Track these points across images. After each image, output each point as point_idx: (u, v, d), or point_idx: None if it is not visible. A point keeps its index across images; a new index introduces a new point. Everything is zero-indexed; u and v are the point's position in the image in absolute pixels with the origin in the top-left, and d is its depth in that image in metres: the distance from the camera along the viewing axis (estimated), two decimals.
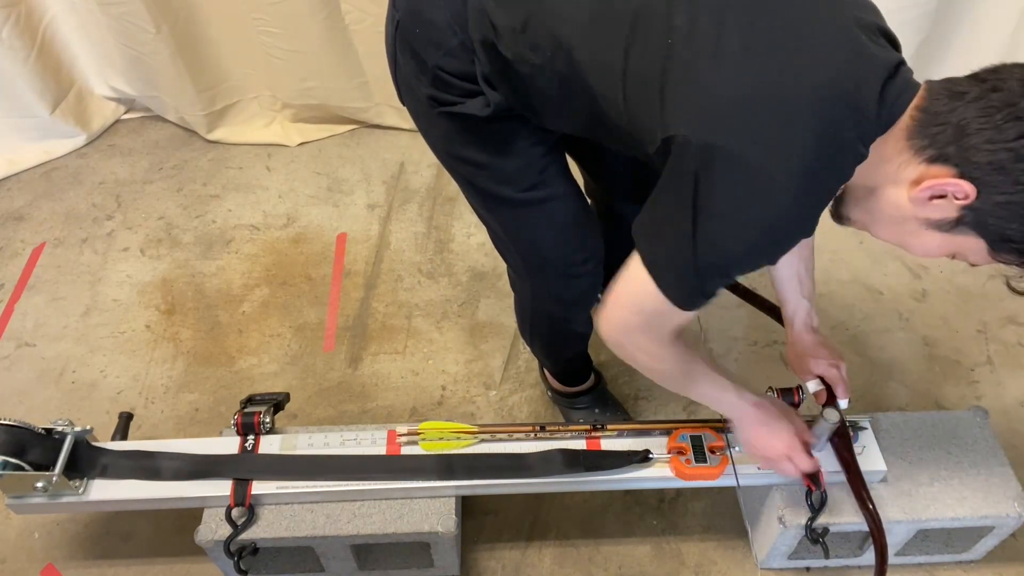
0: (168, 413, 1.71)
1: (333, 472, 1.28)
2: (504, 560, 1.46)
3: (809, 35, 0.82)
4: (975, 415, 1.39)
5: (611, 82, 0.90)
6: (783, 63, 0.81)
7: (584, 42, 0.91)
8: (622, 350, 1.03)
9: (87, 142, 2.39)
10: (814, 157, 0.80)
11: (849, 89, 0.80)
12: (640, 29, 0.87)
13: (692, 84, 0.83)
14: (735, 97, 0.81)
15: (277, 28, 2.13)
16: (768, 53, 0.81)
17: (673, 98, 0.84)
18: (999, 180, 0.76)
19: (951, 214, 0.81)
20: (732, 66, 0.81)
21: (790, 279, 1.26)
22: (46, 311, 1.93)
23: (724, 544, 1.46)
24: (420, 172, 2.28)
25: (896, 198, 0.85)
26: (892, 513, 1.26)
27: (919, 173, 0.81)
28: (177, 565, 1.46)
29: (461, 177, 1.18)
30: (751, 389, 1.15)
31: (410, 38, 1.04)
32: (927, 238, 0.86)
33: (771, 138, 0.80)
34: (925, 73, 2.21)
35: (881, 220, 0.89)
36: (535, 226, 1.19)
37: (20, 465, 1.22)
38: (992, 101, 0.76)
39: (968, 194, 0.78)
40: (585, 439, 1.32)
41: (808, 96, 0.80)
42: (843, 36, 0.82)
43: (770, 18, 0.83)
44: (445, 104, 1.06)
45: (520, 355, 1.79)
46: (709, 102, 0.82)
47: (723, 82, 0.81)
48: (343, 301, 1.93)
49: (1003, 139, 0.75)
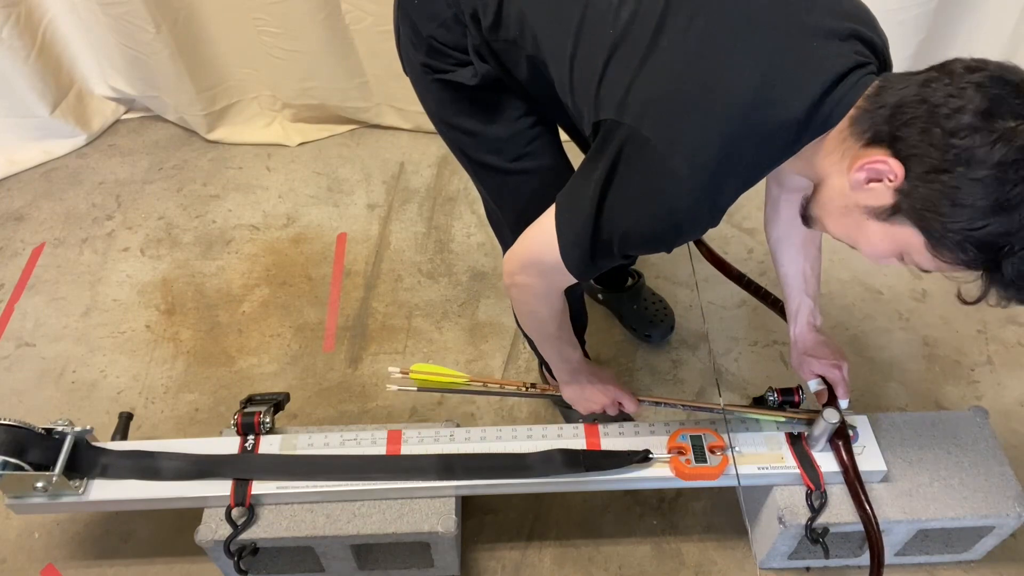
0: (168, 413, 1.71)
1: (333, 472, 1.29)
2: (504, 560, 1.46)
3: (747, 42, 0.84)
4: (975, 415, 1.39)
5: (561, 66, 0.97)
6: (712, 66, 0.83)
7: (545, 27, 0.98)
8: (514, 283, 1.10)
9: (87, 142, 2.39)
10: (721, 158, 0.83)
11: (773, 100, 0.82)
12: (589, 19, 0.92)
13: (625, 75, 0.87)
14: (659, 91, 0.85)
15: (277, 28, 2.13)
16: (700, 55, 0.84)
17: (608, 86, 0.89)
18: (929, 156, 0.75)
19: (887, 200, 0.80)
20: (663, 62, 0.85)
21: (795, 276, 1.27)
22: (46, 311, 1.93)
23: (724, 544, 1.46)
24: (420, 172, 2.28)
25: (839, 185, 0.85)
26: (892, 513, 1.26)
27: (859, 156, 0.82)
28: (177, 565, 1.46)
29: (454, 144, 1.23)
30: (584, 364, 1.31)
31: (409, 8, 1.12)
32: (871, 230, 0.85)
33: (683, 134, 0.83)
34: None
35: (830, 212, 0.89)
36: (522, 197, 1.22)
37: (20, 465, 1.22)
38: (934, 82, 0.76)
39: (897, 173, 0.78)
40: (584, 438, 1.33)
41: (726, 102, 0.82)
42: (785, 44, 0.84)
43: (712, 20, 0.85)
44: (438, 72, 1.13)
45: (520, 355, 1.79)
46: (637, 93, 0.86)
47: (653, 76, 0.85)
48: (343, 301, 1.93)
49: (936, 115, 0.75)
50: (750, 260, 1.97)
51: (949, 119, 0.74)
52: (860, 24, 0.87)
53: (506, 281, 1.11)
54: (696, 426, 1.32)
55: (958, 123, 0.73)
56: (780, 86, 0.82)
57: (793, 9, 0.86)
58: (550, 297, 1.12)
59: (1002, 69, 0.75)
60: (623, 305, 1.82)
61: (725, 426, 1.32)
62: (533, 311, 1.16)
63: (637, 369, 1.76)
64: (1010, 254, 0.76)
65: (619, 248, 0.93)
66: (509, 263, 1.09)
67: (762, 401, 1.38)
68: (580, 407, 1.35)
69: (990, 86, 0.74)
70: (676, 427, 1.32)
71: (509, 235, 1.30)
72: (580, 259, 0.97)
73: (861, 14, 0.90)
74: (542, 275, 1.05)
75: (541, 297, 1.11)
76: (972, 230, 0.76)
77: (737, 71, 0.83)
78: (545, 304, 1.14)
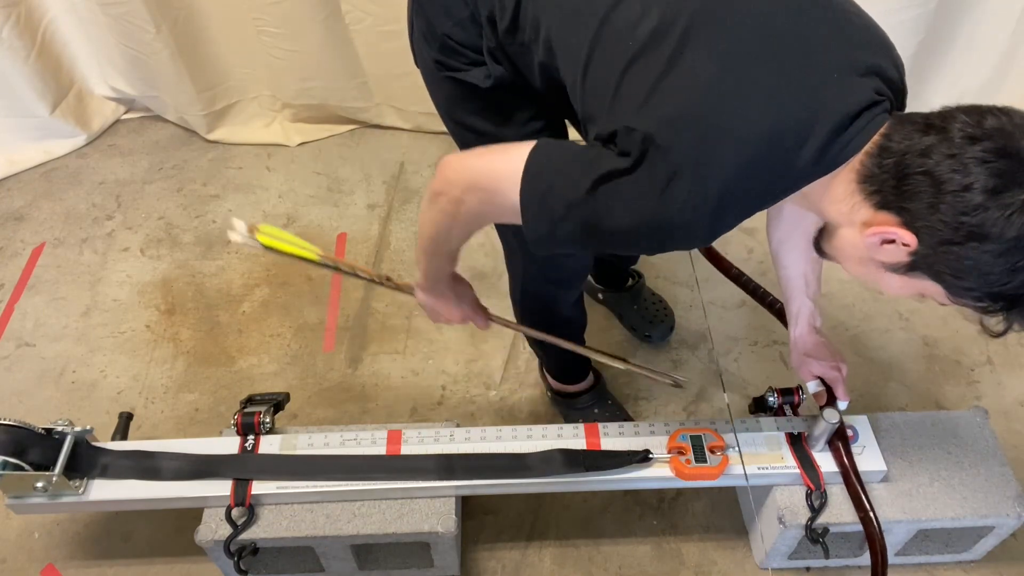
0: (168, 413, 1.71)
1: (333, 472, 1.29)
2: (504, 560, 1.46)
3: (767, 71, 0.83)
4: (975, 415, 1.39)
5: (575, 72, 0.95)
6: (731, 92, 0.82)
7: (560, 33, 0.96)
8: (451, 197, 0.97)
9: (87, 142, 2.39)
10: (729, 186, 0.82)
11: (786, 137, 0.81)
12: (607, 30, 0.91)
13: (644, 86, 0.85)
14: (679, 108, 0.83)
15: (277, 28, 2.13)
16: (721, 79, 0.83)
17: (625, 95, 0.87)
18: (939, 230, 0.76)
19: (902, 258, 0.82)
20: (684, 79, 0.84)
21: (796, 279, 1.27)
22: (46, 311, 1.93)
23: (724, 544, 1.46)
24: (420, 172, 2.28)
25: (853, 239, 0.86)
26: (892, 513, 1.26)
27: (867, 218, 0.83)
28: (177, 565, 1.46)
29: (461, 142, 1.21)
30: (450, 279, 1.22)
31: (425, 4, 1.11)
32: (889, 279, 0.87)
33: (699, 155, 0.82)
34: (924, 73, 2.21)
35: (847, 258, 0.91)
36: None
37: (20, 465, 1.22)
38: (935, 151, 0.76)
39: (909, 243, 0.79)
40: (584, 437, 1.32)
41: (743, 132, 0.81)
42: (804, 77, 0.83)
43: (734, 44, 0.84)
44: (450, 69, 1.11)
45: (520, 355, 1.79)
46: (657, 105, 0.84)
47: (674, 91, 0.84)
48: (343, 301, 1.93)
49: (942, 191, 0.75)
50: (750, 260, 1.97)
51: (957, 196, 0.74)
52: (878, 55, 0.86)
53: (439, 188, 0.98)
54: (696, 426, 1.32)
55: (968, 203, 0.74)
56: (795, 123, 0.82)
57: (814, 39, 0.85)
58: (476, 224, 1.02)
59: (1004, 136, 0.75)
60: (623, 305, 1.82)
61: (727, 426, 1.32)
62: (450, 228, 1.03)
63: (634, 372, 1.75)
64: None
65: (593, 239, 0.90)
66: (456, 173, 0.97)
67: (762, 401, 1.39)
68: (430, 315, 1.26)
69: (994, 160, 0.74)
70: (676, 427, 1.32)
71: (510, 235, 1.31)
72: (543, 229, 0.91)
73: (878, 43, 0.88)
74: (486, 205, 0.96)
75: (468, 222, 1.01)
76: (989, 289, 0.79)
77: (756, 102, 0.82)
78: (466, 229, 1.03)
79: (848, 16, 0.88)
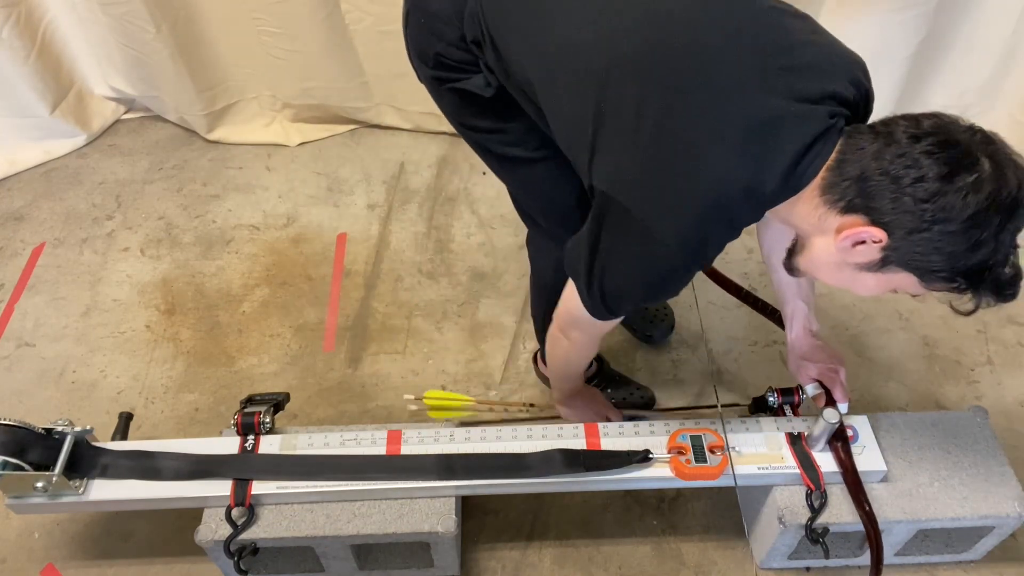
0: (168, 413, 1.71)
1: (333, 472, 1.28)
2: (504, 560, 1.46)
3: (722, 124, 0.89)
4: (975, 415, 1.39)
5: (555, 118, 1.04)
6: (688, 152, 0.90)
7: (543, 86, 1.02)
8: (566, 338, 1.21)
9: (87, 142, 2.39)
10: (700, 227, 0.92)
11: (746, 178, 0.89)
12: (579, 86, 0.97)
13: (613, 152, 0.94)
14: (643, 174, 0.93)
15: (277, 28, 2.13)
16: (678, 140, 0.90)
17: (599, 158, 0.96)
18: (906, 220, 0.84)
19: (875, 256, 0.89)
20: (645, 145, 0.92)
21: (789, 283, 1.28)
22: (46, 311, 1.93)
23: (724, 544, 1.46)
24: (420, 172, 2.28)
25: (826, 246, 0.93)
26: (892, 513, 1.26)
27: (838, 223, 0.89)
28: (177, 565, 1.46)
29: (475, 143, 1.24)
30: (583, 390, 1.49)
31: (416, 25, 1.13)
32: (864, 279, 0.93)
33: (667, 215, 0.92)
34: (924, 73, 2.21)
35: (821, 268, 0.97)
36: (550, 181, 1.23)
37: (20, 465, 1.22)
38: (886, 153, 0.84)
39: (881, 238, 0.86)
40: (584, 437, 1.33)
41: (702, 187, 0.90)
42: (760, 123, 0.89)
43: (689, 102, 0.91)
44: (450, 81, 1.14)
45: (520, 355, 1.79)
46: (624, 173, 0.94)
47: (636, 158, 0.93)
48: (343, 301, 1.93)
49: (901, 186, 0.83)
50: (750, 260, 1.97)
51: (915, 187, 0.83)
52: (833, 80, 0.91)
53: (556, 333, 1.22)
54: (696, 426, 1.32)
55: (926, 190, 0.82)
56: (755, 159, 0.88)
57: (769, 76, 0.90)
58: (591, 347, 1.27)
59: (942, 131, 0.84)
60: None
61: (723, 426, 1.32)
62: (570, 360, 1.30)
63: (637, 369, 1.75)
64: (989, 273, 0.86)
65: (622, 301, 1.04)
66: (558, 321, 1.20)
67: (762, 401, 1.39)
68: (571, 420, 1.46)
69: (939, 151, 0.82)
70: (676, 427, 1.32)
71: (543, 223, 1.33)
72: (598, 310, 1.06)
73: (834, 67, 0.93)
74: (583, 328, 1.16)
75: (585, 348, 1.25)
76: (957, 267, 0.86)
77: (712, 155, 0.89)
78: (585, 355, 1.30)
79: (803, 47, 0.93)
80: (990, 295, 0.88)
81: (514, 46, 1.03)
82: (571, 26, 0.99)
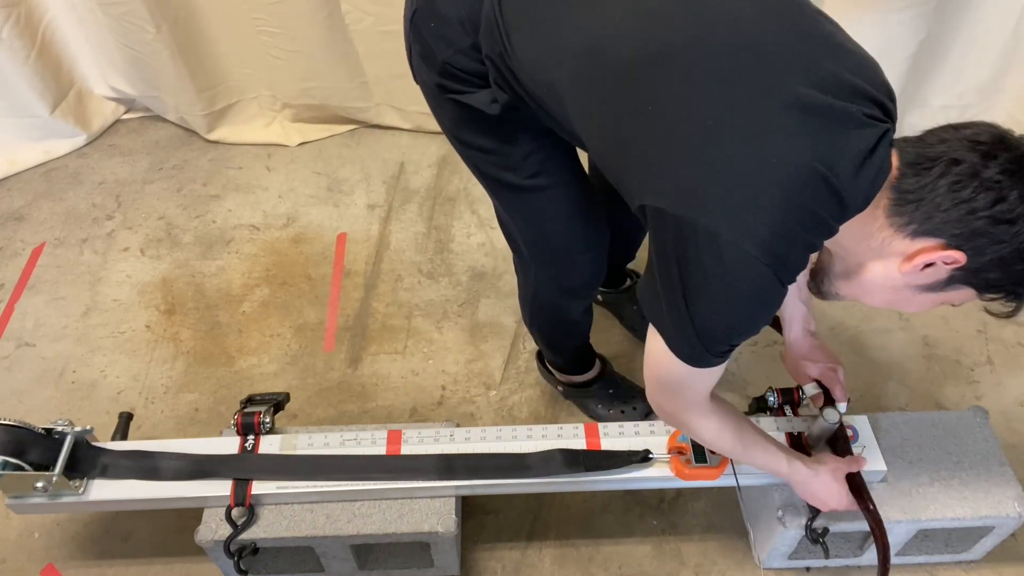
0: (168, 413, 1.71)
1: (333, 472, 1.28)
2: (504, 560, 1.46)
3: (783, 117, 0.83)
4: (975, 415, 1.39)
5: (591, 131, 0.96)
6: (753, 147, 0.82)
7: (571, 91, 0.95)
8: (666, 414, 1.09)
9: (87, 142, 2.39)
10: (782, 231, 0.82)
11: (820, 174, 0.82)
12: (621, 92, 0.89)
13: (667, 160, 0.86)
14: (703, 176, 0.83)
15: (277, 28, 2.13)
16: (740, 136, 0.83)
17: (646, 166, 0.88)
18: (982, 243, 0.81)
19: (942, 276, 0.86)
20: (703, 147, 0.84)
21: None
22: (46, 311, 1.93)
23: (724, 544, 1.46)
24: (420, 172, 2.28)
25: (886, 271, 0.89)
26: (892, 513, 1.26)
27: (907, 248, 0.85)
28: (177, 565, 1.46)
29: (469, 160, 1.21)
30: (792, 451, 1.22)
31: (423, 29, 1.07)
32: (922, 299, 0.91)
33: (741, 217, 0.82)
34: (924, 73, 2.20)
35: (873, 291, 0.93)
36: (538, 212, 1.21)
37: (20, 465, 1.22)
38: (956, 175, 0.80)
39: (958, 260, 0.83)
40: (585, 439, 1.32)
41: (776, 180, 0.82)
42: (819, 119, 0.83)
43: (746, 97, 0.84)
44: (453, 92, 1.09)
45: (520, 355, 1.79)
46: (683, 179, 0.84)
47: (695, 163, 0.84)
48: (343, 301, 1.93)
49: (977, 209, 0.80)
50: None
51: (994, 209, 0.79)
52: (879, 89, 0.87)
53: (662, 416, 1.10)
54: None
55: (1005, 212, 0.79)
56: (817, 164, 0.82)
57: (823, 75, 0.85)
58: (706, 416, 1.07)
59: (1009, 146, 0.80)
60: (623, 305, 1.82)
61: None
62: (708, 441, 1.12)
63: (637, 369, 1.75)
64: None
65: (727, 337, 0.91)
66: (652, 401, 1.07)
67: (762, 401, 1.39)
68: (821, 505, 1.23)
69: (1017, 169, 0.79)
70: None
71: (522, 247, 1.30)
72: (701, 357, 0.93)
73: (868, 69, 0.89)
74: (681, 392, 1.02)
75: (696, 413, 1.07)
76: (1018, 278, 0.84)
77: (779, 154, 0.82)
78: (703, 420, 1.08)
79: (847, 52, 0.89)
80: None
81: (535, 46, 0.96)
82: (602, 21, 0.92)
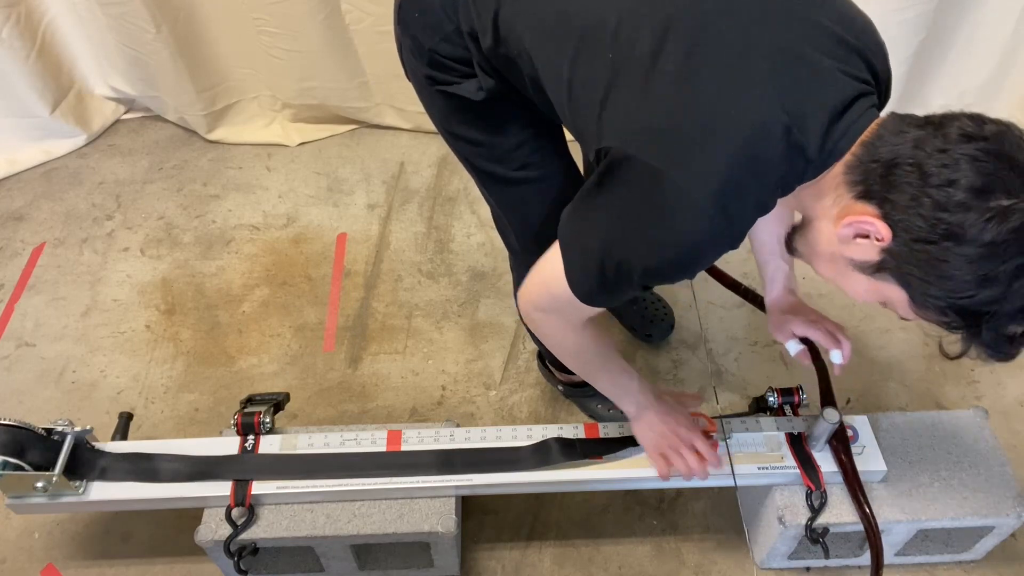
0: (168, 413, 1.71)
1: (333, 470, 1.29)
2: (504, 560, 1.46)
3: (751, 66, 0.81)
4: (975, 415, 1.39)
5: (559, 89, 0.94)
6: (715, 93, 0.80)
7: (540, 49, 0.94)
8: (532, 324, 1.09)
9: (87, 142, 2.39)
10: (732, 180, 0.80)
11: (783, 126, 0.79)
12: (587, 43, 0.89)
13: (627, 103, 0.85)
14: (664, 120, 0.82)
15: (277, 28, 2.12)
16: (703, 80, 0.81)
17: (610, 114, 0.86)
18: (916, 224, 0.75)
19: (872, 256, 0.81)
20: (665, 90, 0.82)
21: (770, 243, 1.24)
22: (46, 311, 1.93)
23: (724, 544, 1.46)
24: (420, 172, 2.28)
25: (827, 232, 0.85)
26: (892, 513, 1.26)
27: (848, 209, 0.81)
28: (177, 565, 1.46)
29: (459, 154, 1.21)
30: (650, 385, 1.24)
31: (409, 21, 1.10)
32: (856, 280, 0.86)
33: (694, 162, 0.80)
34: (924, 73, 2.21)
35: (817, 255, 0.90)
36: (527, 204, 1.22)
37: (20, 465, 1.22)
38: (928, 143, 0.75)
39: (884, 236, 0.77)
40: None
41: (735, 128, 0.79)
42: (792, 70, 0.81)
43: (713, 44, 0.82)
44: (441, 83, 1.11)
45: (520, 355, 1.79)
46: (641, 123, 0.83)
47: (655, 105, 0.83)
48: (343, 301, 1.93)
49: (927, 183, 0.74)
50: (750, 260, 1.96)
51: (940, 190, 0.73)
52: (859, 38, 0.86)
53: (524, 319, 1.10)
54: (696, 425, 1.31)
55: (949, 197, 0.72)
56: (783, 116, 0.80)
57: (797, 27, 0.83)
58: (570, 329, 1.07)
59: (1000, 140, 0.74)
60: (623, 305, 1.82)
61: (723, 426, 1.32)
62: (559, 345, 1.12)
63: (637, 369, 1.75)
64: (990, 320, 0.76)
65: (638, 280, 0.89)
66: (522, 300, 1.06)
67: (762, 401, 1.39)
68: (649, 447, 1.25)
69: (985, 160, 0.72)
70: None
71: (515, 241, 1.30)
72: (591, 290, 0.93)
73: (862, 26, 0.87)
74: (557, 310, 1.02)
75: (561, 331, 1.08)
76: (955, 299, 0.76)
77: (744, 102, 0.80)
78: (569, 336, 1.09)
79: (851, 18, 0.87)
80: (984, 346, 0.79)
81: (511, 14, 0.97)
82: None
